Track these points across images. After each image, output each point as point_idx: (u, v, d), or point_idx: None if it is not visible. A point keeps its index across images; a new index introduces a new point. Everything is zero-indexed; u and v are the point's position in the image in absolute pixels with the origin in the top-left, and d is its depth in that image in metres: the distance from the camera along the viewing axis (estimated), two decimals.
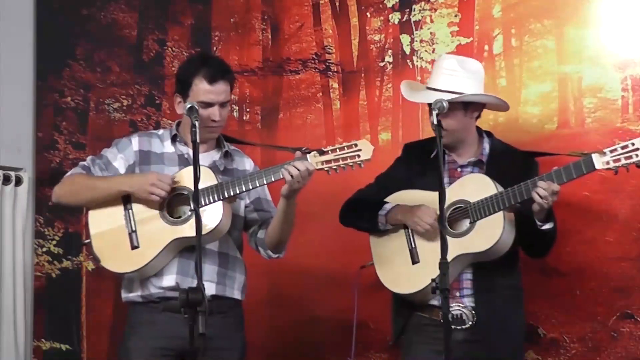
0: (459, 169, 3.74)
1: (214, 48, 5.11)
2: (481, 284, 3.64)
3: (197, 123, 3.32)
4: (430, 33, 4.60)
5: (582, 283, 4.21)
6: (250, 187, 3.61)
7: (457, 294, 3.64)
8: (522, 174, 3.60)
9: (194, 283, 3.55)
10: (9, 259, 5.21)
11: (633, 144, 3.39)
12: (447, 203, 3.57)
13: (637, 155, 3.38)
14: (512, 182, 3.56)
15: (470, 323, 3.61)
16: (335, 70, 4.83)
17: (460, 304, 3.62)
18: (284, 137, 4.80)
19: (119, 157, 3.76)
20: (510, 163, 3.70)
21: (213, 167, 3.69)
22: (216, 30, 5.14)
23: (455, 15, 4.55)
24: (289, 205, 3.63)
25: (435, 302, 3.63)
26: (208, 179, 3.58)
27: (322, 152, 3.53)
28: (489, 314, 3.61)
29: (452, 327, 3.56)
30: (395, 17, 4.69)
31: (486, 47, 4.50)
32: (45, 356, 5.30)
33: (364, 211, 3.80)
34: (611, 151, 3.41)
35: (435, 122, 3.35)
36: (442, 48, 4.55)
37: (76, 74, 5.39)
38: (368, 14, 4.77)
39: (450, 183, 3.70)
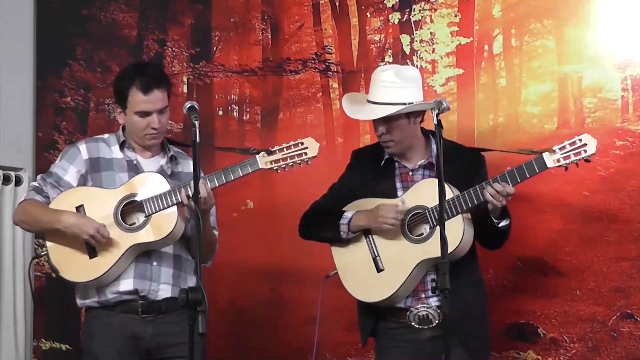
0: (410, 173, 3.77)
1: (214, 48, 5.12)
2: None
3: (197, 123, 3.33)
4: (430, 33, 4.60)
5: (582, 283, 4.21)
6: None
7: (422, 295, 3.69)
8: (470, 169, 3.68)
9: (152, 286, 3.72)
10: (9, 259, 5.22)
11: (580, 140, 3.47)
12: (404, 210, 3.66)
13: (585, 151, 3.47)
14: (462, 179, 3.61)
15: (436, 322, 3.65)
16: (335, 70, 4.83)
17: (425, 305, 3.67)
18: (284, 137, 4.78)
19: (70, 170, 3.81)
20: (459, 160, 3.69)
21: (161, 172, 3.78)
22: (216, 30, 5.14)
23: (455, 15, 4.55)
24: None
25: (401, 304, 3.69)
26: (160, 185, 3.69)
27: (270, 152, 3.65)
28: (455, 310, 3.61)
29: (420, 327, 3.67)
30: (395, 17, 4.69)
31: (486, 47, 4.50)
32: (45, 356, 5.31)
33: (324, 222, 3.82)
34: (560, 149, 3.49)
35: (435, 121, 3.37)
36: (442, 48, 4.55)
37: (76, 74, 5.39)
38: (368, 14, 4.77)
39: (403, 188, 3.74)
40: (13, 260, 5.21)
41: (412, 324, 3.67)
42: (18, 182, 5.28)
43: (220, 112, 5.08)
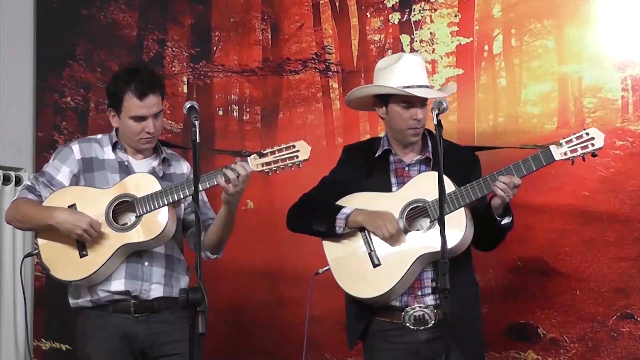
0: (406, 169, 3.69)
1: (214, 48, 5.12)
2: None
3: (197, 123, 3.33)
4: (430, 33, 4.60)
5: (582, 283, 4.21)
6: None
7: (419, 292, 3.59)
8: (467, 168, 3.60)
9: (143, 286, 3.73)
10: (9, 259, 5.22)
11: (588, 134, 3.44)
12: (403, 203, 3.59)
13: (592, 145, 3.43)
14: (458, 177, 3.54)
15: (432, 322, 3.56)
16: (335, 70, 4.83)
17: (421, 304, 3.57)
18: (284, 137, 4.79)
19: (63, 170, 3.81)
20: (455, 159, 3.60)
21: (153, 174, 3.77)
22: (216, 30, 5.14)
23: (455, 15, 4.55)
24: (230, 211, 3.69)
25: (396, 303, 3.60)
26: (152, 186, 3.69)
27: (261, 155, 3.61)
28: (453, 310, 3.57)
29: (415, 328, 3.56)
30: (395, 17, 4.69)
31: (486, 47, 4.50)
32: (45, 356, 5.31)
33: (318, 215, 3.73)
34: (567, 142, 3.46)
35: (435, 121, 3.35)
36: (442, 48, 4.55)
37: (76, 74, 5.39)
38: (368, 14, 4.77)
39: (398, 183, 3.66)
40: (13, 260, 5.21)
41: (407, 324, 3.57)
42: (18, 182, 5.29)
43: (220, 112, 5.08)
